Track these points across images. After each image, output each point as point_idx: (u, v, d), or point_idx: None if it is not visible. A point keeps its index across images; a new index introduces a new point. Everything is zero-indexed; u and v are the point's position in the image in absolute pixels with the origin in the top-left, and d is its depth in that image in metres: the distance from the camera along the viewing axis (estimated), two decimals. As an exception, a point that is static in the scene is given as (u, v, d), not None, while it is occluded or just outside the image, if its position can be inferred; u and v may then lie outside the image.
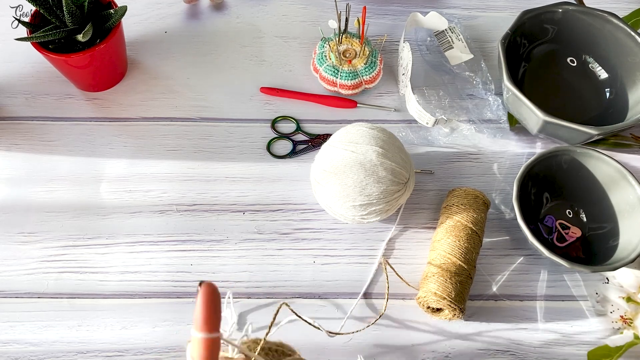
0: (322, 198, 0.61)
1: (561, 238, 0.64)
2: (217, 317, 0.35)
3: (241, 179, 0.68)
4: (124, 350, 0.58)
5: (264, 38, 0.78)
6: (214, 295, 0.35)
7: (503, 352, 0.59)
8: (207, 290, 0.35)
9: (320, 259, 0.63)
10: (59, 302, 0.61)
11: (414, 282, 0.62)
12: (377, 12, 0.80)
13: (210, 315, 0.35)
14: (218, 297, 0.36)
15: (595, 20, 0.69)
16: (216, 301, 0.35)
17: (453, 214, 0.61)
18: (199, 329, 0.35)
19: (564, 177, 0.64)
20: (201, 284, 0.35)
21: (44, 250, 0.63)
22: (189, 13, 0.79)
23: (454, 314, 0.57)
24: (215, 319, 0.35)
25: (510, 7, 0.80)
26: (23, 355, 0.58)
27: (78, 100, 0.72)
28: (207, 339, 0.34)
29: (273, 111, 0.72)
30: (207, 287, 0.35)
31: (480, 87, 0.72)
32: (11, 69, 0.74)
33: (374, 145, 0.58)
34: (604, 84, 0.71)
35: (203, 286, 0.35)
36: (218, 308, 0.35)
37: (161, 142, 0.70)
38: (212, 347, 0.35)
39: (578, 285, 0.62)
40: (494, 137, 0.70)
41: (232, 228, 0.65)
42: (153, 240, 0.64)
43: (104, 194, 0.66)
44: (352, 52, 0.71)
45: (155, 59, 0.75)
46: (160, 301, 0.61)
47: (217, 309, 0.35)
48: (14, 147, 0.69)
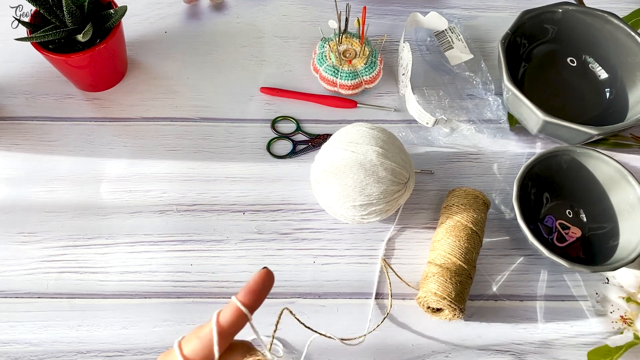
0: (322, 198, 0.61)
1: (561, 238, 0.64)
2: (258, 299, 0.38)
3: (241, 179, 0.68)
4: (124, 350, 0.58)
5: (264, 38, 0.78)
6: (267, 281, 0.39)
7: (503, 352, 0.59)
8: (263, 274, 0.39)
9: (320, 259, 0.63)
10: (59, 302, 0.61)
11: (414, 282, 0.62)
12: (377, 12, 0.80)
13: (254, 293, 0.38)
14: (270, 284, 0.39)
15: (595, 20, 0.69)
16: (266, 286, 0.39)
17: (453, 214, 0.61)
18: (239, 297, 0.38)
19: (564, 177, 0.64)
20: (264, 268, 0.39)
21: (44, 250, 0.63)
22: (189, 13, 0.79)
23: (454, 314, 0.57)
24: (255, 299, 0.38)
25: (510, 7, 0.80)
26: (23, 355, 0.58)
27: (78, 100, 0.72)
28: (238, 309, 0.38)
29: (273, 111, 0.72)
30: (265, 272, 0.39)
31: (480, 87, 0.72)
32: (11, 69, 0.74)
33: (374, 145, 0.58)
34: (604, 84, 0.71)
35: (264, 270, 0.39)
36: (264, 292, 0.39)
37: (161, 142, 0.70)
38: (238, 318, 0.38)
39: (578, 285, 0.62)
40: (494, 137, 0.70)
41: (232, 228, 0.65)
42: (153, 240, 0.64)
43: (104, 194, 0.66)
44: (352, 52, 0.71)
45: (155, 59, 0.75)
46: (160, 301, 0.61)
47: (262, 293, 0.39)
48: (14, 147, 0.69)
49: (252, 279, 0.39)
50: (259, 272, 0.39)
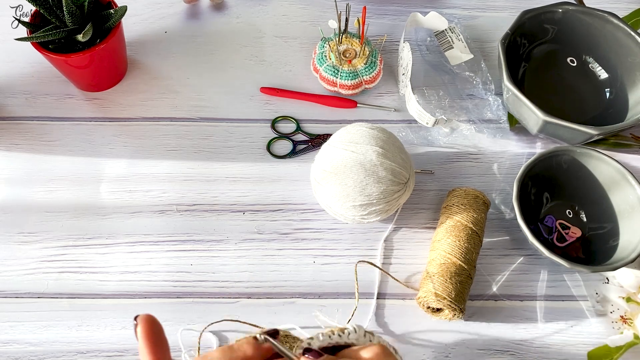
0: (322, 198, 0.61)
1: (561, 238, 0.64)
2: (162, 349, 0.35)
3: (241, 179, 0.68)
4: (124, 350, 0.58)
5: (264, 38, 0.78)
6: (153, 328, 0.35)
7: (503, 352, 0.59)
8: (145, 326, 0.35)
9: (320, 259, 0.63)
10: (59, 302, 0.61)
11: (414, 282, 0.62)
12: (377, 12, 0.80)
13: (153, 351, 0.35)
14: (159, 329, 0.35)
15: (595, 20, 0.69)
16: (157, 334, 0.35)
17: (453, 214, 0.61)
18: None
19: (564, 177, 0.64)
20: (136, 318, 0.35)
21: (44, 250, 0.63)
22: (189, 13, 0.79)
23: (454, 314, 0.57)
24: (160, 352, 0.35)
25: (510, 7, 0.80)
26: (23, 355, 0.58)
27: (78, 100, 0.72)
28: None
29: (273, 111, 0.72)
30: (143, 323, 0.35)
31: (480, 87, 0.72)
32: (11, 69, 0.74)
33: (374, 145, 0.58)
34: (604, 84, 0.71)
35: (140, 322, 0.35)
36: (162, 340, 0.35)
37: (161, 142, 0.70)
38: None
39: (578, 285, 0.62)
40: (494, 137, 0.70)
41: (232, 228, 0.65)
42: (153, 240, 0.64)
43: (104, 194, 0.66)
44: (352, 52, 0.71)
45: (155, 59, 0.75)
46: (160, 301, 0.61)
47: (161, 341, 0.35)
48: (14, 147, 0.69)
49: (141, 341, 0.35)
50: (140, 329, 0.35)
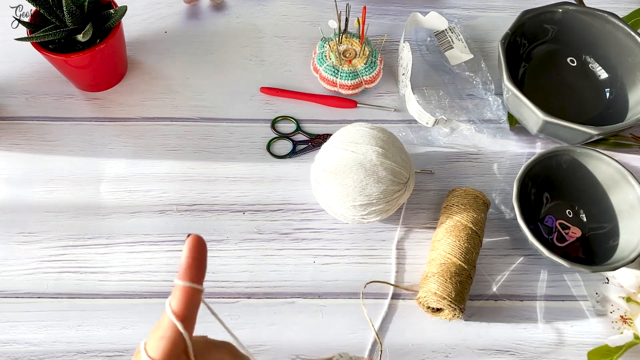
0: (322, 198, 0.61)
1: (561, 238, 0.64)
2: (199, 268, 0.36)
3: (241, 179, 0.68)
4: (124, 350, 0.58)
5: (264, 38, 0.78)
6: (198, 247, 0.36)
7: (503, 352, 0.59)
8: (191, 242, 0.36)
9: (320, 259, 0.63)
10: (59, 302, 0.61)
11: (414, 282, 0.62)
12: (377, 12, 0.80)
13: (191, 265, 0.35)
14: (203, 249, 0.36)
15: (595, 20, 0.69)
16: (200, 253, 0.36)
17: (453, 214, 0.61)
18: (180, 276, 0.35)
19: (564, 177, 0.64)
20: (189, 236, 0.36)
21: (44, 250, 0.63)
22: (189, 13, 0.79)
23: (454, 314, 0.57)
24: (196, 270, 0.36)
25: (510, 7, 0.80)
26: (23, 355, 0.58)
27: (78, 100, 0.72)
28: (185, 288, 0.35)
29: (273, 111, 0.72)
30: (192, 240, 0.36)
31: (480, 87, 0.72)
32: (11, 69, 0.74)
33: (374, 145, 0.58)
34: (604, 84, 0.71)
35: (191, 238, 0.36)
36: (202, 261, 0.36)
37: (161, 142, 0.70)
38: (190, 296, 0.35)
39: (578, 285, 0.62)
40: (494, 137, 0.70)
41: (232, 228, 0.65)
42: (153, 240, 0.64)
43: (104, 194, 0.66)
44: (352, 52, 0.71)
45: (155, 59, 0.75)
46: (160, 301, 0.61)
47: (201, 261, 0.36)
48: (14, 147, 0.69)
49: (184, 254, 0.36)
50: (187, 243, 0.36)
